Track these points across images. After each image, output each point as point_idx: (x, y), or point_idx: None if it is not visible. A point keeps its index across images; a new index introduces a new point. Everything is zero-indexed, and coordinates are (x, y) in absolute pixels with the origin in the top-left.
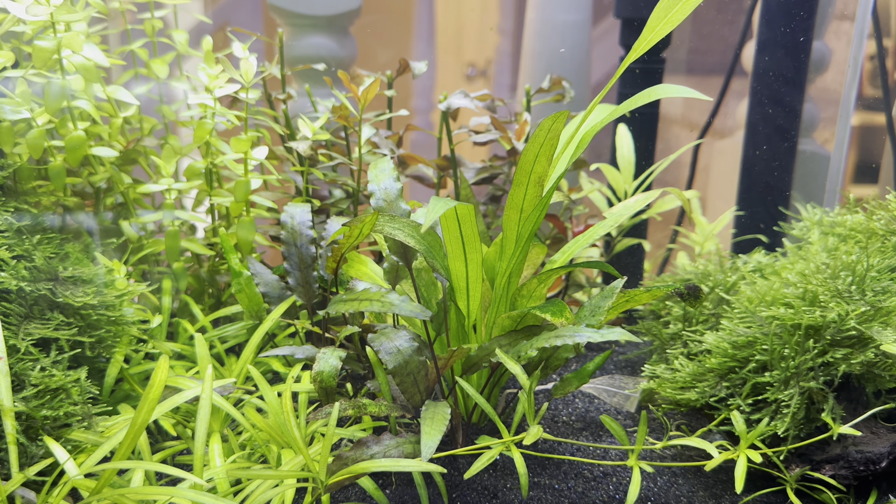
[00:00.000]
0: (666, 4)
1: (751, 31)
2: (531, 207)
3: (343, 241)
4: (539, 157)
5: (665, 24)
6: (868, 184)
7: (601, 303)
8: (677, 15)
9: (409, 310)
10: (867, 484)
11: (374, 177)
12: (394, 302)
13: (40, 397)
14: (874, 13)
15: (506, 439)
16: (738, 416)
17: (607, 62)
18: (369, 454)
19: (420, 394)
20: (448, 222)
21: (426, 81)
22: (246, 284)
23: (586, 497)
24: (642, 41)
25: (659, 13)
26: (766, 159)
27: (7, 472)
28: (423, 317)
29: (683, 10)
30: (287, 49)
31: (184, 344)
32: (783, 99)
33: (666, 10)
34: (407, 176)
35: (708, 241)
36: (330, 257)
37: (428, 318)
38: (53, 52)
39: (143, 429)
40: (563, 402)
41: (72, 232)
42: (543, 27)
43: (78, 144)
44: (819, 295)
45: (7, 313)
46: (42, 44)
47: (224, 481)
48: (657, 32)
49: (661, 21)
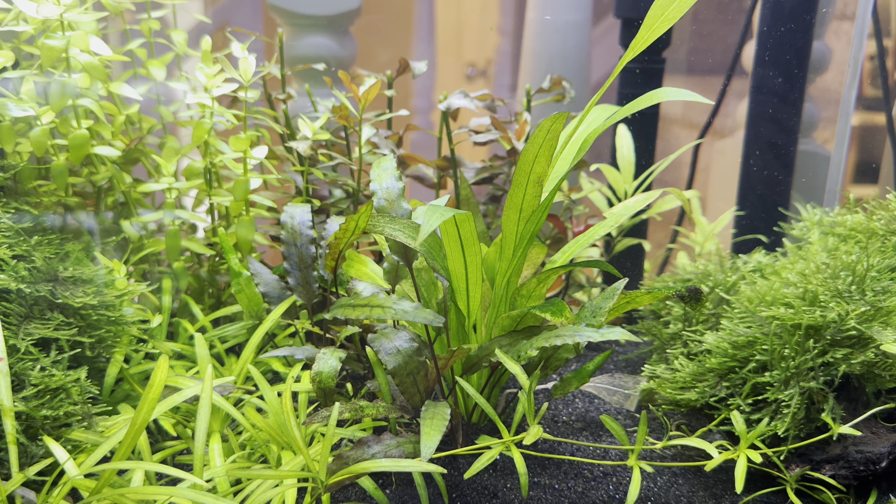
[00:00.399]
0: (663, 2)
1: (751, 31)
2: (530, 208)
3: (340, 236)
4: (538, 158)
5: (663, 22)
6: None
7: (602, 304)
8: (675, 12)
9: (423, 318)
10: (867, 484)
11: (376, 176)
12: (406, 310)
13: (40, 397)
14: (874, 13)
15: (506, 439)
16: (738, 416)
17: (607, 62)
18: (370, 454)
19: (420, 394)
20: (447, 225)
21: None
22: (246, 284)
23: (586, 497)
24: (640, 39)
25: (656, 10)
26: (766, 159)
27: (7, 471)
28: (436, 324)
29: (681, 7)
30: (287, 49)
31: (184, 344)
32: (783, 99)
33: (663, 7)
34: (407, 176)
35: (708, 241)
36: (328, 254)
37: (441, 324)
38: (62, 51)
39: (142, 428)
40: (563, 402)
41: (72, 232)
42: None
43: (82, 142)
44: (819, 295)
45: (7, 313)
46: (51, 42)
47: (224, 481)
48: (655, 30)
49: (658, 19)
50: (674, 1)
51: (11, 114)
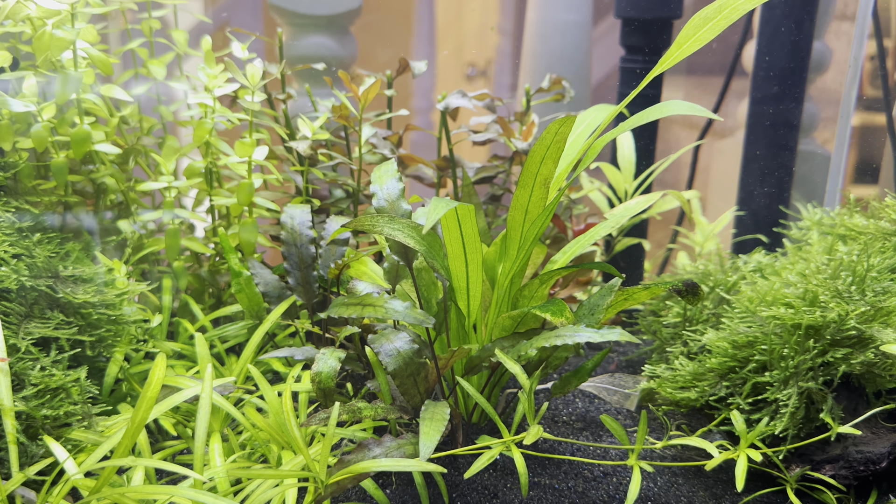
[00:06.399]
0: (696, 23)
1: (751, 31)
2: (536, 209)
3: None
4: (545, 160)
5: (694, 42)
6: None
7: (600, 301)
8: (707, 34)
9: (413, 318)
10: (867, 484)
11: (377, 178)
12: (397, 309)
13: (40, 397)
14: (874, 13)
15: (506, 439)
16: (738, 416)
17: (607, 62)
18: (371, 455)
19: (420, 395)
20: (448, 222)
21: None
22: (246, 284)
23: (586, 497)
24: (669, 57)
25: (689, 30)
26: (767, 159)
27: (7, 471)
28: (426, 324)
29: (714, 30)
30: (287, 49)
31: (184, 343)
32: (783, 99)
33: (696, 28)
34: (407, 176)
35: (708, 241)
36: (332, 269)
37: (431, 325)
38: (70, 44)
39: (141, 427)
40: (563, 402)
41: (72, 231)
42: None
43: (83, 138)
44: (819, 295)
45: (7, 312)
46: (59, 33)
47: (224, 481)
48: (685, 49)
49: (689, 38)
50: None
51: (12, 109)
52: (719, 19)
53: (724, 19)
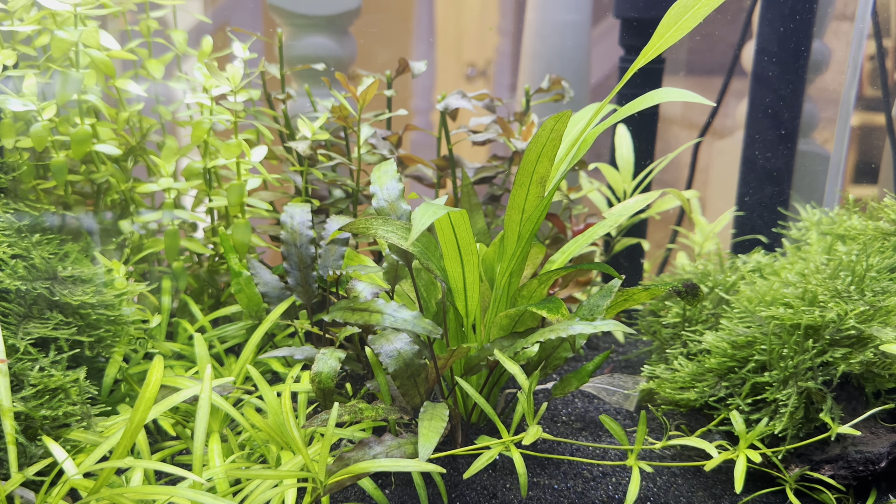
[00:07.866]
0: (676, 12)
1: (751, 31)
2: (533, 208)
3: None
4: (541, 158)
5: (675, 31)
6: (868, 184)
7: (599, 302)
8: (688, 22)
9: (423, 328)
10: (866, 484)
11: (376, 178)
12: (407, 319)
13: (39, 397)
14: (874, 13)
15: (505, 439)
16: (738, 416)
17: (607, 62)
18: (371, 455)
19: (420, 395)
20: (442, 226)
21: (426, 81)
22: (245, 284)
23: (586, 497)
24: (651, 47)
25: (669, 20)
26: (766, 159)
27: (6, 471)
28: (434, 335)
29: (695, 17)
30: (287, 49)
31: (183, 344)
32: (783, 99)
33: (677, 17)
34: (406, 176)
35: (708, 241)
36: (330, 275)
37: (439, 335)
38: (73, 45)
39: (140, 427)
40: (563, 402)
41: (72, 231)
42: (543, 27)
43: (84, 138)
44: (818, 295)
45: (6, 313)
46: (63, 35)
47: (223, 481)
48: (667, 39)
49: (670, 28)
50: (687, 10)
51: (13, 108)
52: (700, 6)
53: (704, 6)
